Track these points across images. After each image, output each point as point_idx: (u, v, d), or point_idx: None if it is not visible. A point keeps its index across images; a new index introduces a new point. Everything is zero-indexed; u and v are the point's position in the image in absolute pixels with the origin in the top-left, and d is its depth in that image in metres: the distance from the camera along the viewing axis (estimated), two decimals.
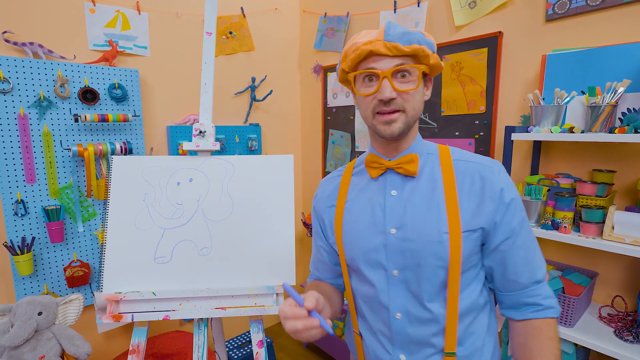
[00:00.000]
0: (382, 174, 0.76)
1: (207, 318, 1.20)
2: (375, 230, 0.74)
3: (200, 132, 1.23)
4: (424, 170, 0.74)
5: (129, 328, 1.98)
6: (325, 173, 2.53)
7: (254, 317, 1.18)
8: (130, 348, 1.10)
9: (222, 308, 1.13)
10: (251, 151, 2.30)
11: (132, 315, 1.07)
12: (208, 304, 1.14)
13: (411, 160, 0.72)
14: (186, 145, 1.21)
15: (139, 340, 1.11)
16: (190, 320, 2.19)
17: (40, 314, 1.17)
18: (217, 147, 1.23)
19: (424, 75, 0.71)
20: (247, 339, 2.25)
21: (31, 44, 1.56)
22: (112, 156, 1.20)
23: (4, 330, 1.08)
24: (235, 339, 2.25)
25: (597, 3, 1.30)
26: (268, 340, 2.17)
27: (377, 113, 0.69)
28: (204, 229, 1.19)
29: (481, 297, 0.74)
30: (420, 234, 0.69)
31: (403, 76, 0.67)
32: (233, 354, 2.06)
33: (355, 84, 0.72)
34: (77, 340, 1.18)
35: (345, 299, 0.92)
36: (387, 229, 0.72)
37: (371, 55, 0.67)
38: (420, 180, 0.73)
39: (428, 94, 0.74)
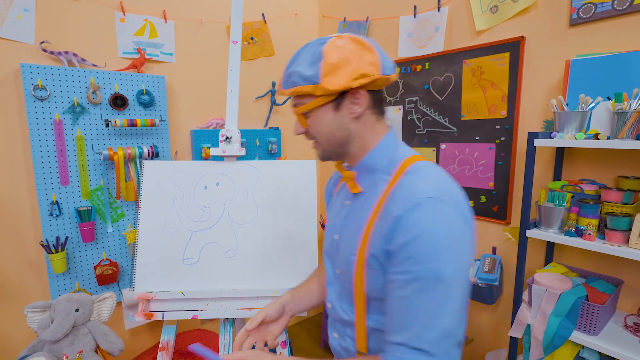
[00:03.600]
0: (343, 182, 0.81)
1: (233, 318, 1.24)
2: (330, 232, 0.81)
3: (227, 137, 1.27)
4: (369, 189, 0.71)
5: (153, 326, 2.05)
6: None
7: None
8: (160, 345, 1.15)
9: (247, 309, 1.17)
10: (271, 154, 2.35)
11: (163, 314, 1.12)
12: (234, 305, 1.18)
13: (350, 177, 0.74)
14: (213, 151, 1.25)
15: (168, 337, 1.16)
16: (211, 319, 2.24)
17: (77, 310, 1.24)
18: (243, 152, 1.27)
19: (341, 94, 0.68)
20: None
21: (66, 52, 1.64)
22: (144, 161, 1.26)
23: (45, 326, 1.15)
24: None
25: (624, 7, 1.28)
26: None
27: None
28: (230, 232, 1.23)
29: None
30: (343, 248, 0.73)
31: (301, 113, 0.72)
32: None
33: None
34: (110, 336, 1.24)
35: None
36: (334, 233, 0.79)
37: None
38: (361, 197, 0.72)
39: (357, 109, 0.69)
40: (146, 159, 1.83)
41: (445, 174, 0.68)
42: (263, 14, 2.29)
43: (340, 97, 0.69)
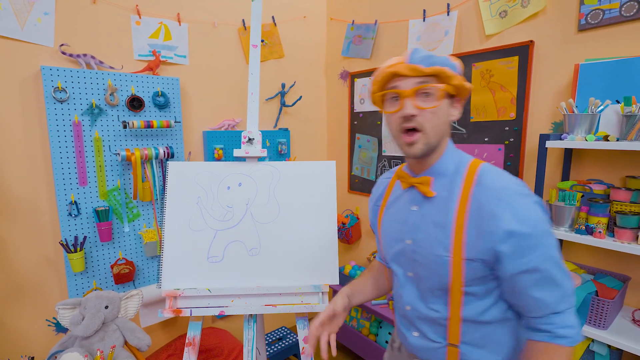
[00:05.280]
0: (408, 188, 0.84)
1: (256, 314, 1.28)
2: (398, 238, 0.84)
3: (249, 139, 1.31)
4: (442, 191, 0.76)
5: (166, 324, 2.08)
6: (351, 177, 2.60)
7: (300, 314, 1.25)
8: (187, 341, 1.18)
9: (272, 305, 1.20)
10: (281, 155, 2.38)
11: (191, 310, 1.16)
12: (258, 301, 1.22)
13: (425, 182, 0.77)
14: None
15: (194, 333, 1.20)
16: (223, 317, 2.28)
17: (106, 307, 1.27)
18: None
19: (451, 96, 0.76)
20: (277, 337, 2.33)
21: (84, 55, 1.67)
22: (168, 161, 1.29)
23: (77, 322, 1.18)
24: (267, 336, 2.33)
25: (632, 13, 1.34)
26: (297, 337, 2.24)
27: (402, 133, 0.75)
28: (253, 231, 1.27)
29: (493, 311, 0.76)
30: (426, 251, 0.77)
31: (426, 96, 0.73)
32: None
33: (384, 104, 0.79)
34: (138, 332, 1.27)
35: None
36: (404, 238, 0.82)
37: (395, 76, 0.73)
38: (436, 200, 0.77)
39: (456, 114, 0.78)
40: (162, 160, 1.86)
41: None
42: (273, 17, 2.33)
43: (451, 97, 0.76)
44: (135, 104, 1.78)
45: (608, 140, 1.25)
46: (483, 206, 0.70)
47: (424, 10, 2.00)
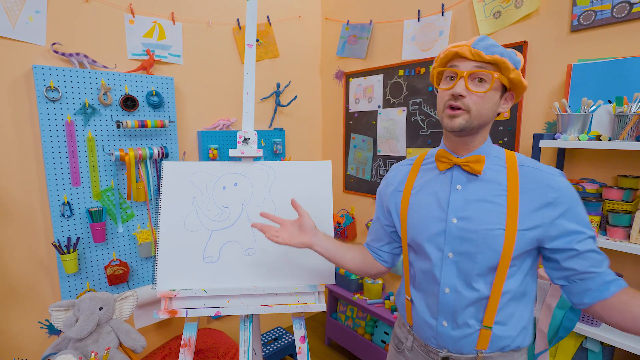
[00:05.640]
0: (449, 168, 0.86)
1: (252, 315, 1.27)
2: (438, 218, 0.85)
3: (245, 139, 1.30)
4: (488, 171, 0.82)
5: (161, 325, 2.06)
6: (346, 176, 2.60)
7: (297, 314, 1.25)
8: (182, 342, 1.17)
9: (268, 305, 1.20)
10: (276, 155, 2.38)
11: (187, 311, 1.15)
12: (254, 301, 1.21)
13: (478, 160, 0.81)
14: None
15: (190, 334, 1.19)
16: (218, 318, 2.27)
17: (101, 309, 1.25)
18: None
19: (505, 89, 0.80)
20: (273, 337, 2.33)
21: (77, 54, 1.65)
22: (163, 161, 1.28)
23: (70, 324, 1.16)
24: (262, 336, 2.32)
25: (623, 15, 1.35)
26: (292, 337, 2.24)
27: (447, 108, 0.79)
28: (249, 231, 1.26)
29: (521, 286, 0.83)
30: (480, 226, 0.79)
31: (480, 81, 0.77)
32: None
33: (440, 81, 0.84)
34: (133, 334, 1.26)
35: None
36: (449, 217, 0.83)
37: (456, 56, 0.78)
38: (484, 179, 0.82)
39: (505, 107, 0.83)
40: (156, 160, 1.85)
41: None
42: (268, 17, 2.32)
43: (505, 91, 0.81)
44: (129, 103, 1.77)
45: (600, 140, 1.26)
46: (536, 181, 0.77)
47: (419, 11, 2.01)
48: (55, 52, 1.60)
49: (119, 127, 1.69)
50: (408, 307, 0.95)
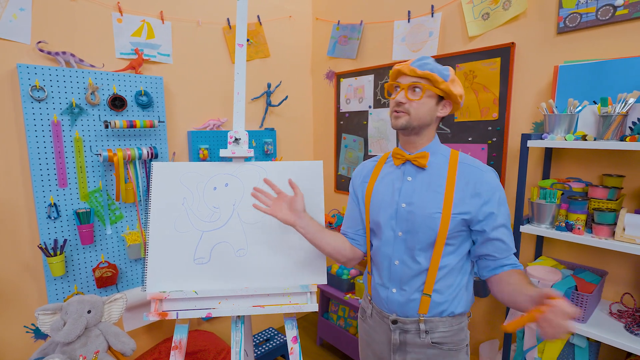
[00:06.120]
0: (402, 164, 1.04)
1: (244, 316, 1.26)
2: (392, 203, 1.03)
3: (236, 139, 1.30)
4: (433, 165, 1.00)
5: (151, 328, 2.04)
6: (337, 176, 2.61)
7: (289, 314, 1.24)
8: (173, 344, 1.16)
9: (260, 306, 1.20)
10: (267, 155, 2.37)
11: (177, 313, 1.14)
12: (246, 302, 1.21)
13: (424, 156, 1.00)
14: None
15: (180, 336, 1.18)
16: (209, 320, 2.25)
17: (89, 312, 1.23)
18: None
19: (440, 98, 0.98)
20: (265, 338, 2.32)
21: (63, 53, 1.62)
22: (152, 162, 1.27)
23: (58, 328, 1.14)
24: (254, 337, 2.31)
25: (607, 17, 1.38)
26: (284, 338, 2.23)
27: (394, 112, 0.99)
28: (240, 231, 1.26)
29: (458, 264, 1.00)
30: (421, 210, 0.97)
31: (416, 90, 0.96)
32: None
33: (392, 92, 1.03)
34: (122, 337, 1.24)
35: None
36: (399, 203, 1.01)
37: (400, 73, 0.99)
38: (429, 172, 1.00)
39: (444, 111, 1.00)
40: (145, 161, 1.83)
41: None
42: (258, 16, 2.31)
43: (442, 99, 0.99)
44: (118, 103, 1.74)
45: (586, 140, 1.29)
46: (469, 175, 0.96)
47: (409, 12, 2.03)
48: (41, 50, 1.57)
49: (107, 127, 1.67)
50: (369, 280, 1.12)
